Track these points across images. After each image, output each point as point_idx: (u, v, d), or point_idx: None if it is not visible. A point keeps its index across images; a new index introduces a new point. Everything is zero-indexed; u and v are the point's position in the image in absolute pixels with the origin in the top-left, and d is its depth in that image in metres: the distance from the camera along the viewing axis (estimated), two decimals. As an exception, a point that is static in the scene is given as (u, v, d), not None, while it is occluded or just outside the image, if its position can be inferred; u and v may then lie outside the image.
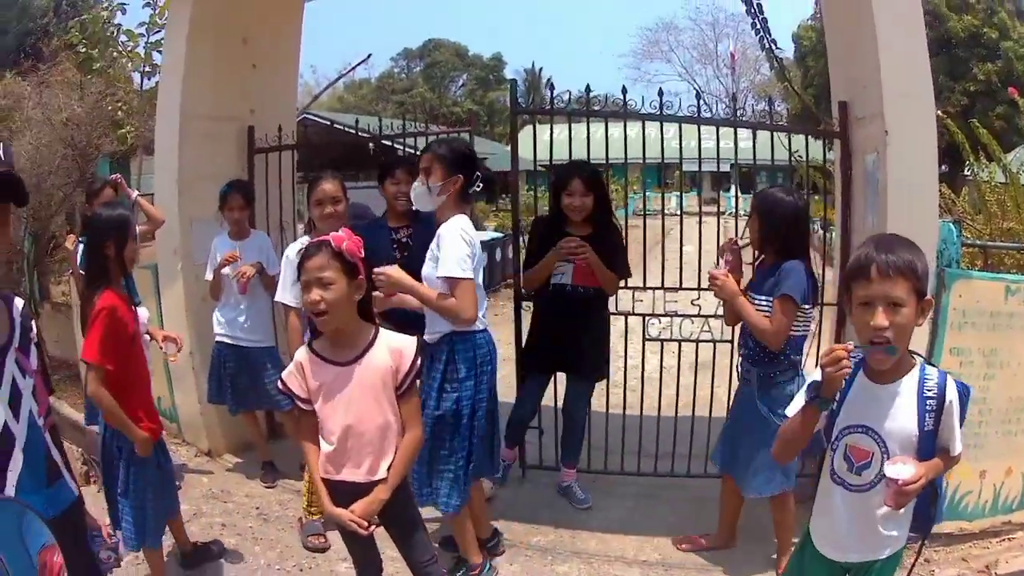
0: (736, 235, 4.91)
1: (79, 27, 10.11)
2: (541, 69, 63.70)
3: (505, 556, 4.81)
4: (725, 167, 7.05)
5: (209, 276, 5.73)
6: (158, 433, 4.15)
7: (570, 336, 5.20)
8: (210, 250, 5.80)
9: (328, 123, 23.29)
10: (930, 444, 2.56)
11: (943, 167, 4.52)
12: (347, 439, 3.19)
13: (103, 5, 10.29)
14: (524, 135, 6.02)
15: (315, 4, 7.79)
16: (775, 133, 5.46)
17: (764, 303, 4.23)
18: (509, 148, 5.95)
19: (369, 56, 39.21)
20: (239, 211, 5.77)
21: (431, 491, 4.21)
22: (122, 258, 4.05)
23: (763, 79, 44.47)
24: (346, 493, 3.22)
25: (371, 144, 6.91)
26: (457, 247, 4.12)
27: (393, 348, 3.26)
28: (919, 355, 2.65)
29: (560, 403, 5.55)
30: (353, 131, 7.21)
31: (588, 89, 5.61)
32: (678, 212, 6.48)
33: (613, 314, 5.58)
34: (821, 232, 6.77)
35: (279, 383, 3.37)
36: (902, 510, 2.57)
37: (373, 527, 3.25)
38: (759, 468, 4.28)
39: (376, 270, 3.89)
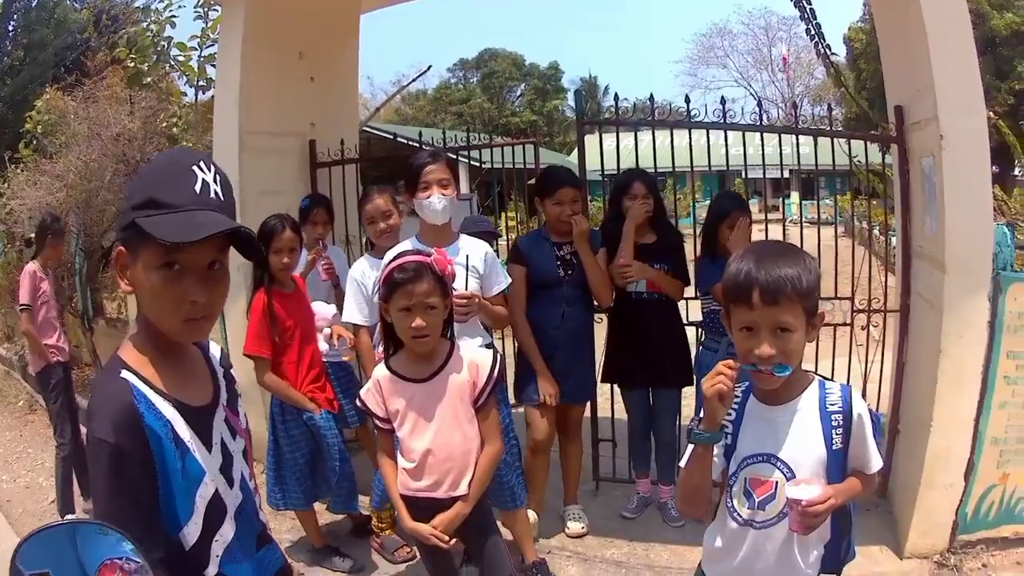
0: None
1: (126, 41, 9.98)
2: (596, 77, 63.76)
3: (579, 570, 4.88)
4: (786, 173, 7.11)
5: None
6: (325, 405, 4.88)
7: (655, 346, 5.18)
8: None
9: (391, 136, 23.31)
10: (841, 465, 2.28)
11: (994, 168, 4.53)
12: (428, 455, 3.21)
13: (151, 19, 10.15)
14: (588, 144, 6.08)
15: (367, 16, 7.83)
16: (834, 139, 5.48)
17: None
18: (570, 158, 6.04)
19: (429, 68, 39.56)
20: (323, 226, 5.71)
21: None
22: (267, 265, 4.73)
23: (818, 83, 44.24)
24: (425, 509, 3.25)
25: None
26: (498, 261, 4.38)
27: (470, 362, 3.28)
28: (817, 374, 2.42)
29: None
30: (416, 144, 7.25)
31: (652, 99, 5.67)
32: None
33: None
34: (881, 238, 6.77)
35: (357, 401, 3.43)
36: (814, 537, 2.30)
37: (453, 541, 3.27)
38: None
39: (459, 294, 3.90)
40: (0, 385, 11.76)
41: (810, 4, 5.31)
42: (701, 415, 2.25)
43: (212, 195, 1.77)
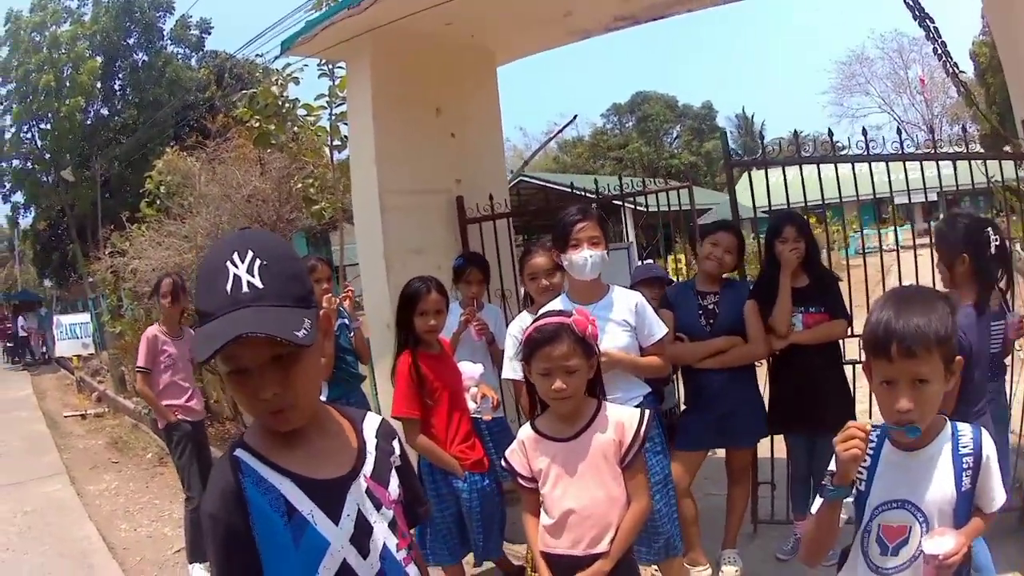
0: None
1: (248, 101, 9.59)
2: (754, 114, 62.93)
3: (732, 613, 4.86)
4: (931, 196, 7.06)
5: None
6: (471, 467, 4.73)
7: (813, 389, 5.03)
8: None
9: (544, 184, 23.27)
10: (967, 505, 2.31)
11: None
12: (570, 514, 3.16)
13: (273, 78, 9.72)
14: (741, 182, 6.14)
15: (510, 67, 7.79)
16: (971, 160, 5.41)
17: None
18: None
19: (575, 117, 39.71)
20: (477, 285, 5.67)
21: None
22: (413, 327, 4.67)
23: (952, 101, 42.95)
24: (565, 567, 3.17)
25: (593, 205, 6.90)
26: (651, 310, 4.41)
27: (616, 421, 3.22)
28: (944, 413, 2.38)
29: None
30: (568, 190, 7.23)
31: (796, 135, 5.89)
32: (894, 248, 6.07)
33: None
34: (1022, 252, 6.63)
35: (503, 460, 3.44)
36: None
37: None
38: None
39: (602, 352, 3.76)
40: (128, 437, 12.15)
41: (933, 23, 5.33)
42: (833, 469, 2.29)
43: (245, 288, 1.66)
